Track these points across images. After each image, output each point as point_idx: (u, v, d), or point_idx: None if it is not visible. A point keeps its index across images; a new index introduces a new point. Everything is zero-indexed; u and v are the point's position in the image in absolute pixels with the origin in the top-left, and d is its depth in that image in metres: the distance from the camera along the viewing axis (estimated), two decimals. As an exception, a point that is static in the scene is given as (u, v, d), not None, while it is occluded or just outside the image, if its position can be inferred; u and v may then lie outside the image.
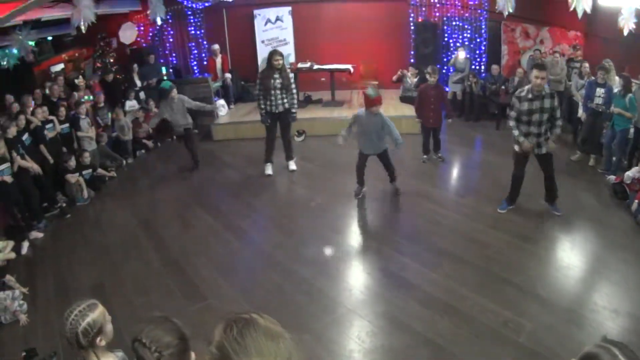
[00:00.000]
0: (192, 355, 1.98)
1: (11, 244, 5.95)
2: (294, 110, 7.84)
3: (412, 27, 11.37)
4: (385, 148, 6.75)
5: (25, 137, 7.15)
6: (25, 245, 6.35)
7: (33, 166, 7.05)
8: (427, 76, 8.02)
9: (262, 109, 7.68)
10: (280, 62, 7.47)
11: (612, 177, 6.87)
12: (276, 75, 7.47)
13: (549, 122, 5.80)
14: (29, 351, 4.14)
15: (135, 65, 10.64)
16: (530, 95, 5.66)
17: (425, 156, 8.33)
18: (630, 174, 6.49)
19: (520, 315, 4.32)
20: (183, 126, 8.45)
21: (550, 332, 4.08)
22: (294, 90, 7.75)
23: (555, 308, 4.40)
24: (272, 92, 7.49)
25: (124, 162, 9.25)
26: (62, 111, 8.20)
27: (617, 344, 1.47)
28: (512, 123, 5.91)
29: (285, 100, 7.63)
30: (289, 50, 11.48)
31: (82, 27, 7.55)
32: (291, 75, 7.68)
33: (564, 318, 4.25)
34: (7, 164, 6.45)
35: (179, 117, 8.32)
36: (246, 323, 1.27)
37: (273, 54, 7.54)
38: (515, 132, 5.88)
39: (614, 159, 7.22)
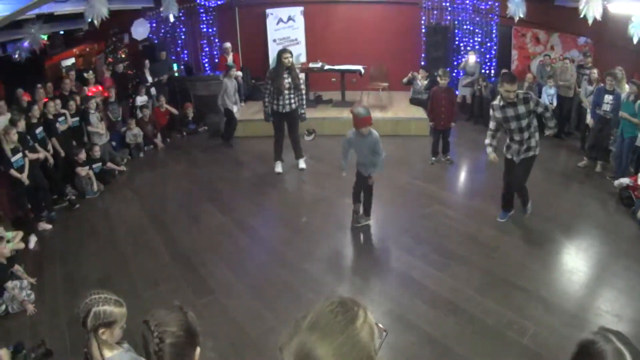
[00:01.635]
0: (197, 350, 1.94)
1: (20, 234, 5.99)
2: (302, 111, 7.84)
3: (424, 30, 11.40)
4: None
5: (39, 130, 7.23)
6: (33, 239, 6.38)
7: (45, 155, 7.13)
8: (438, 79, 8.10)
9: (267, 107, 7.66)
10: (290, 59, 7.41)
11: (619, 181, 6.83)
12: (286, 75, 7.42)
13: (529, 129, 5.60)
14: (17, 346, 4.20)
15: (147, 62, 10.70)
16: (502, 103, 5.56)
17: (433, 158, 8.37)
18: None
19: (524, 317, 4.35)
20: (230, 104, 9.44)
21: (554, 334, 4.11)
22: (303, 90, 7.69)
23: (559, 311, 4.44)
24: (282, 92, 7.45)
25: (124, 160, 9.21)
26: (73, 105, 8.26)
27: (613, 331, 1.50)
28: (487, 140, 5.92)
29: (293, 101, 7.59)
30: (300, 50, 11.53)
31: (96, 22, 7.63)
32: (301, 75, 7.65)
33: (567, 321, 4.28)
34: (21, 154, 6.51)
35: (232, 96, 9.44)
36: (347, 310, 1.17)
37: (283, 51, 7.49)
38: (487, 141, 5.90)
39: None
